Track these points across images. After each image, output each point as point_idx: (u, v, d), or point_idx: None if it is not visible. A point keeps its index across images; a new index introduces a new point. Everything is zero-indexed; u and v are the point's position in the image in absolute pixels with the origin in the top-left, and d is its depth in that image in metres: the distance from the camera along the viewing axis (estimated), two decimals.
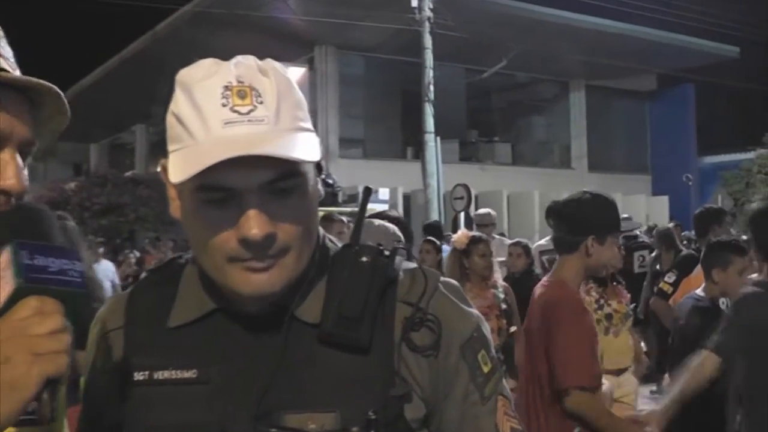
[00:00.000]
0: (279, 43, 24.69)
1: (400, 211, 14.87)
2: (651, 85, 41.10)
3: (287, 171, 1.60)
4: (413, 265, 1.86)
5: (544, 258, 10.30)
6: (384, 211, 6.64)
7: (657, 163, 40.93)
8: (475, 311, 1.86)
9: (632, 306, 7.63)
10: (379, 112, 34.18)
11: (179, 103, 1.65)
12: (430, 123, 25.47)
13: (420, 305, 1.75)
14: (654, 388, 12.83)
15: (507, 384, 1.90)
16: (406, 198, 29.20)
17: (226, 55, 1.71)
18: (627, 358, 7.23)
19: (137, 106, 38.26)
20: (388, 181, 27.03)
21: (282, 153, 1.55)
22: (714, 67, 36.93)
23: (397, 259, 1.81)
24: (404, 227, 5.78)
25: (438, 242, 10.14)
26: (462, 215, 22.50)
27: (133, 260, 22.03)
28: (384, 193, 25.77)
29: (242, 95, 1.60)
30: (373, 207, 17.73)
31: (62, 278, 1.46)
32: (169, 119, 1.67)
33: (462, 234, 7.86)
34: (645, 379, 9.68)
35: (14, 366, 1.36)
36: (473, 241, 7.70)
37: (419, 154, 27.76)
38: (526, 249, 9.96)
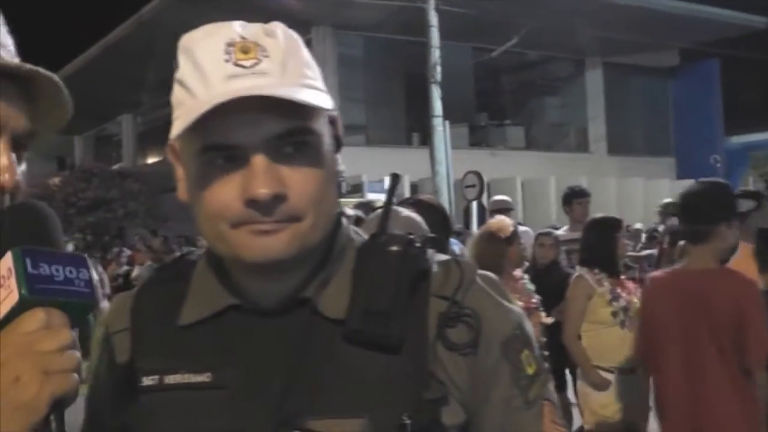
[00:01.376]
0: None
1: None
2: (673, 61, 41.06)
3: (297, 127, 1.58)
4: (446, 256, 1.81)
5: (563, 248, 10.27)
6: (416, 196, 6.44)
7: (681, 144, 40.90)
8: (516, 307, 1.81)
9: None
10: (382, 96, 34.18)
11: (181, 68, 1.63)
12: (437, 106, 25.32)
13: (456, 299, 1.70)
14: None
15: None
16: (414, 187, 29.14)
17: None
18: None
19: (123, 95, 38.35)
20: (393, 170, 26.81)
21: (287, 95, 1.52)
22: (741, 40, 36.88)
23: (429, 249, 1.76)
24: (443, 215, 5.66)
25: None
26: (474, 204, 22.42)
27: (124, 259, 22.04)
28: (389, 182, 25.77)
29: (246, 50, 1.58)
30: (378, 197, 17.68)
31: (69, 288, 1.42)
32: (174, 88, 1.65)
33: (501, 221, 7.64)
34: None
35: (25, 386, 1.33)
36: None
37: (426, 140, 27.73)
38: (557, 240, 9.97)
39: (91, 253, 18.17)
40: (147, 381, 1.72)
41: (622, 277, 7.68)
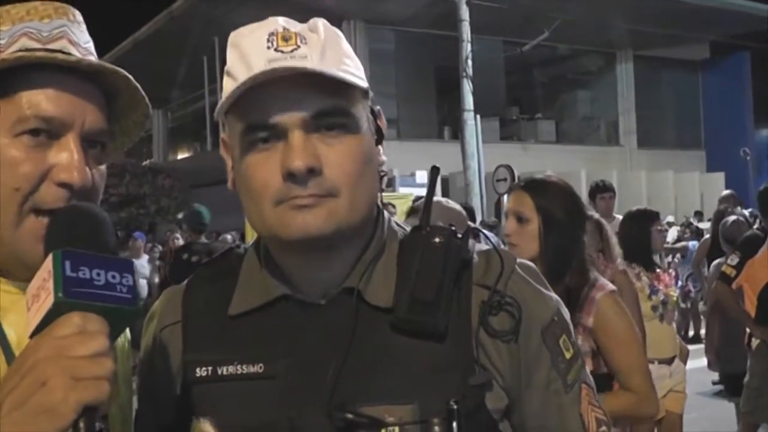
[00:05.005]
0: (304, 18, 24.49)
1: (438, 196, 14.72)
2: (704, 54, 40.82)
3: (334, 106, 1.65)
4: (487, 246, 1.86)
5: None
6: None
7: (711, 137, 40.66)
8: (554, 294, 1.86)
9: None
10: (413, 90, 34.09)
11: (229, 59, 1.70)
12: (469, 100, 25.16)
13: (497, 288, 1.75)
14: (716, 378, 12.75)
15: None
16: (445, 181, 29.07)
17: None
18: (676, 346, 7.37)
19: (154, 91, 37.96)
20: (425, 164, 26.79)
21: (322, 70, 1.61)
22: None
23: (471, 240, 1.81)
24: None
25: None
26: (505, 198, 22.35)
27: (156, 254, 22.03)
28: (421, 176, 25.66)
29: (287, 38, 1.65)
30: (410, 191, 17.58)
31: (109, 293, 1.39)
32: (224, 81, 1.71)
33: None
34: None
35: (51, 390, 1.28)
36: None
37: (457, 134, 27.63)
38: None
39: (122, 249, 18.10)
40: (200, 372, 1.77)
41: (658, 270, 7.67)
